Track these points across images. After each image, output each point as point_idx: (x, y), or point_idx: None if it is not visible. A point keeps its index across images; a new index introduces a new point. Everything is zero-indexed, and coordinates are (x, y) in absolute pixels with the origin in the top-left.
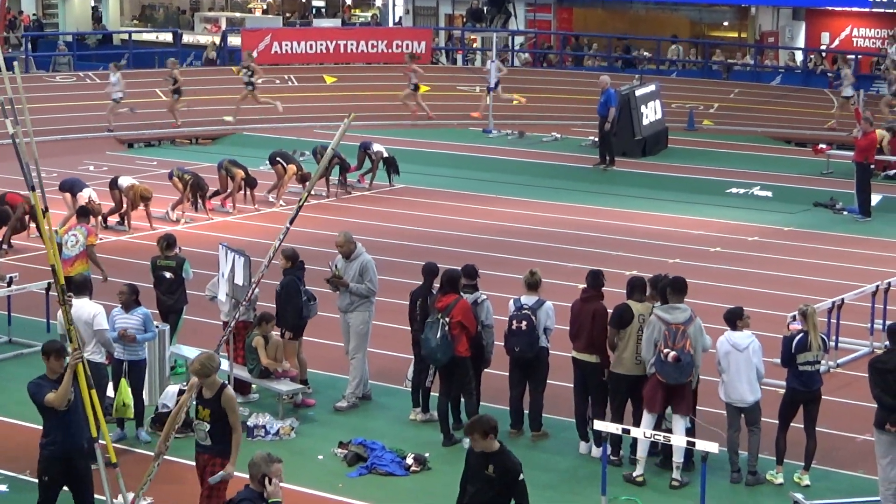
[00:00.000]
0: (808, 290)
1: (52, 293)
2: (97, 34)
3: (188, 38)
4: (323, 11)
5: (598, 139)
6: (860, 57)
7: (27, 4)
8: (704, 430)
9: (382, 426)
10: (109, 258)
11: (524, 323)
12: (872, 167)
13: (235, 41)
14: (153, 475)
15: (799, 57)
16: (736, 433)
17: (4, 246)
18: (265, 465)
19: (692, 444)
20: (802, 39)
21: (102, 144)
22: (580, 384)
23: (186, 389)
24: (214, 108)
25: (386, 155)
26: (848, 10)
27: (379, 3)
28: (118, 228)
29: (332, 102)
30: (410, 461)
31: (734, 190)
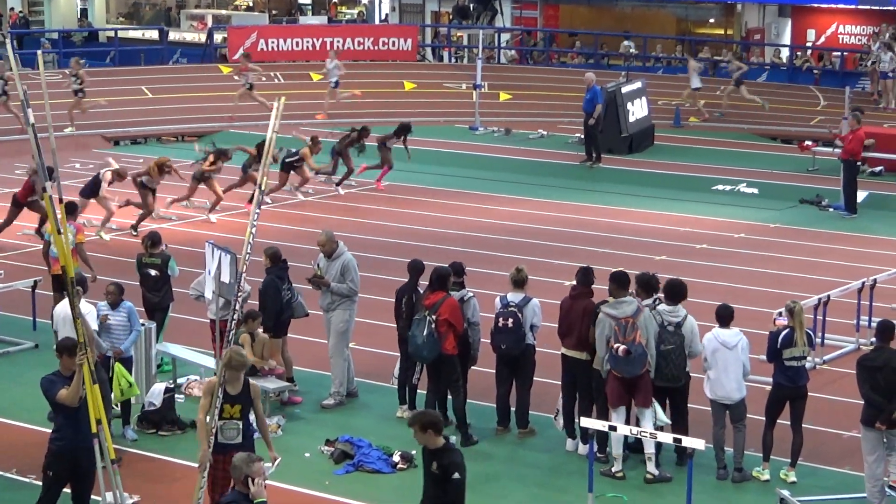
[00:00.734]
0: (794, 286)
1: (38, 291)
2: (83, 32)
3: (174, 35)
4: (309, 9)
5: (584, 136)
6: (846, 54)
7: (14, 1)
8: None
9: (369, 424)
10: (97, 256)
11: (510, 320)
12: (860, 164)
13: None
14: (203, 487)
15: (785, 54)
16: (722, 430)
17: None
18: (246, 466)
19: (678, 440)
20: (788, 36)
21: (88, 142)
22: (569, 381)
23: (203, 394)
24: (201, 105)
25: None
26: (834, 6)
27: (365, 0)
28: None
29: (319, 100)
30: (397, 458)
31: (720, 187)
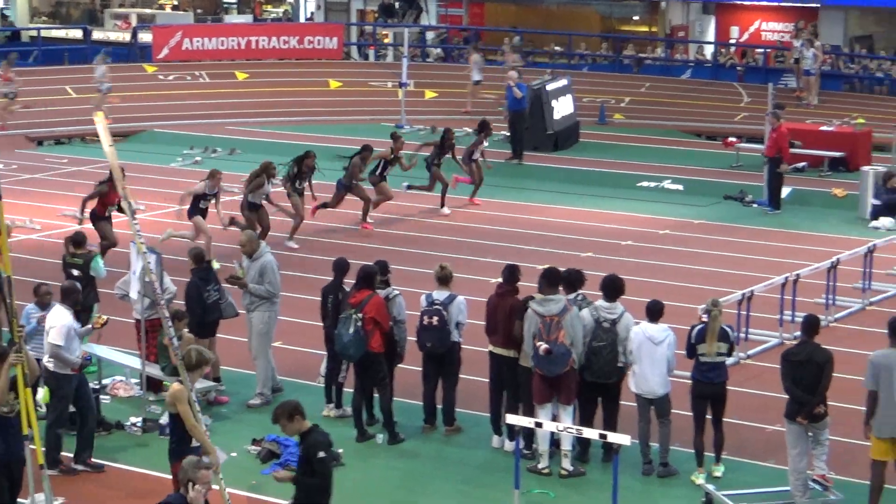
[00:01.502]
0: (718, 282)
1: None
2: (5, 31)
3: (98, 34)
4: (234, 8)
5: (509, 134)
6: (768, 51)
7: None
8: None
9: None
10: (21, 257)
11: (435, 318)
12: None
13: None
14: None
15: (709, 51)
16: (647, 425)
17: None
18: (192, 470)
19: (604, 436)
20: (712, 33)
21: (11, 142)
22: (496, 378)
23: (178, 403)
24: (125, 105)
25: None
26: (757, 4)
27: None
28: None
29: (243, 98)
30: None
31: (645, 183)
